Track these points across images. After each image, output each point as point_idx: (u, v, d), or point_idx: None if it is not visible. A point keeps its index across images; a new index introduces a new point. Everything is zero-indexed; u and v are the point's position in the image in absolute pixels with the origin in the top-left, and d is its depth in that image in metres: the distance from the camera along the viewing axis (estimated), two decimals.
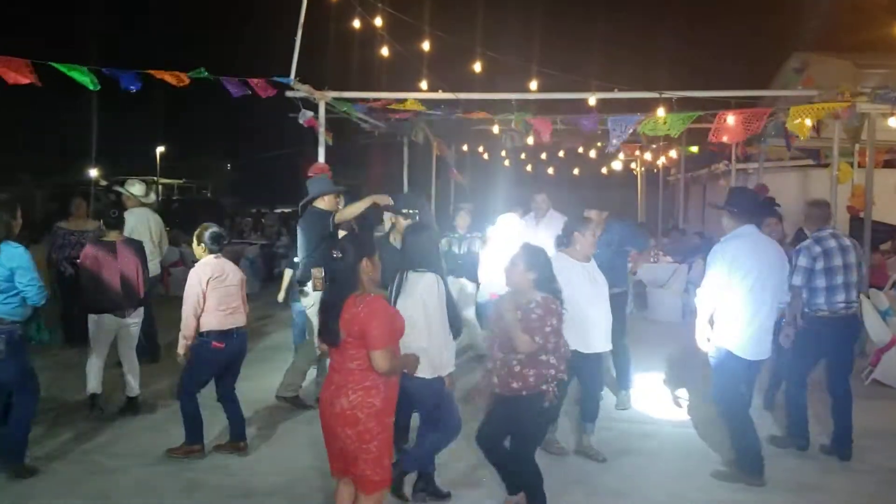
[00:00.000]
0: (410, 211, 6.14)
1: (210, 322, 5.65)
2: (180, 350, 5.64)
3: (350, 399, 3.82)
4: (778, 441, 6.27)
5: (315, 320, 6.75)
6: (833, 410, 6.11)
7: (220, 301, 5.68)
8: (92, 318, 6.71)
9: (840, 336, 6.10)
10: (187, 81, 7.84)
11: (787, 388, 6.36)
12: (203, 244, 5.76)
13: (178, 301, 6.30)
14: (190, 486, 5.31)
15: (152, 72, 7.73)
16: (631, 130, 9.32)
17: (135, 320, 6.98)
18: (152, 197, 9.52)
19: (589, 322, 5.53)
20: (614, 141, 9.26)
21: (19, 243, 5.40)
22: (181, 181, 40.79)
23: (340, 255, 3.92)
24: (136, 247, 7.06)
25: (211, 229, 5.83)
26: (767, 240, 5.74)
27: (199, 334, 5.65)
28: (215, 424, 6.11)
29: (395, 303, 4.67)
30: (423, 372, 4.55)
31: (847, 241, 6.20)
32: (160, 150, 39.83)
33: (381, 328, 3.83)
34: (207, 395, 5.96)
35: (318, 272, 6.69)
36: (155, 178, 38.04)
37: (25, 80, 6.56)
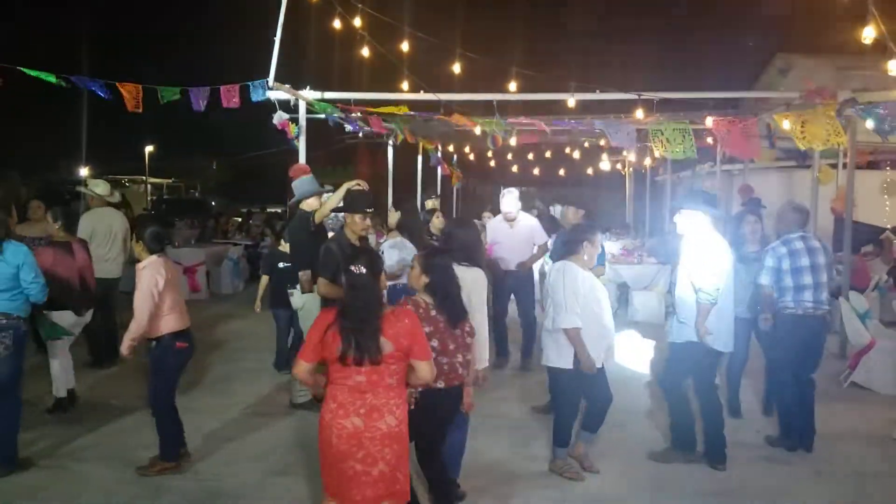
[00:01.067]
0: (368, 210, 6.14)
1: (170, 324, 5.47)
2: (125, 350, 5.38)
3: (396, 416, 3.69)
4: (771, 440, 6.37)
5: (306, 325, 6.75)
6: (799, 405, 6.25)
7: (175, 301, 5.52)
8: (52, 316, 6.61)
9: (809, 334, 6.23)
10: (139, 109, 7.80)
11: (775, 388, 6.53)
12: (142, 242, 5.52)
13: None
14: (158, 490, 5.26)
15: (118, 84, 7.69)
16: (633, 137, 9.42)
17: (85, 320, 7.03)
18: (117, 196, 9.39)
19: (599, 334, 5.42)
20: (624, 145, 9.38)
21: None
22: (170, 180, 40.67)
23: (363, 272, 3.74)
24: (87, 247, 7.21)
25: (151, 228, 5.62)
26: (720, 237, 5.88)
27: (159, 338, 5.45)
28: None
29: None
30: None
31: (816, 244, 6.32)
32: (149, 149, 39.71)
33: (426, 338, 3.85)
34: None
35: (304, 275, 6.69)
36: (144, 178, 37.92)
37: None
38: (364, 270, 3.74)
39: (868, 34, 6.02)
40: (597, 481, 5.53)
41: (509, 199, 8.64)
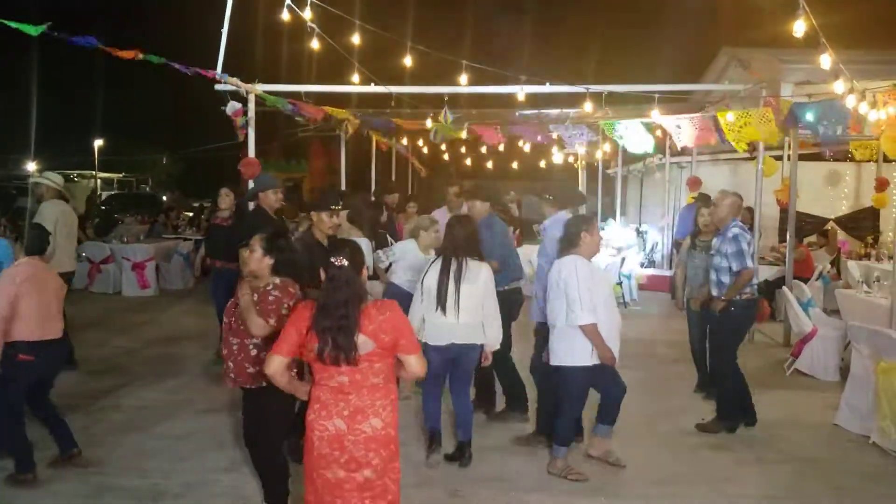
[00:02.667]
0: (335, 207, 6.07)
1: (20, 331, 5.04)
2: None
3: (383, 418, 3.47)
4: (706, 426, 6.50)
5: None
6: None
7: (34, 308, 5.08)
8: None
9: (753, 317, 6.80)
10: (140, 56, 7.60)
11: (723, 373, 6.64)
12: (21, 242, 5.27)
13: (101, 298, 6.12)
14: (99, 490, 5.17)
15: (107, 49, 7.46)
16: (584, 137, 9.70)
17: None
18: (69, 189, 9.14)
19: (612, 324, 5.40)
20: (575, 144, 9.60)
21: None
22: (120, 175, 39.87)
23: (345, 264, 3.49)
24: None
25: (36, 231, 5.26)
26: None
27: (5, 345, 5.01)
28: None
29: (456, 287, 5.29)
30: (481, 339, 5.47)
31: None
32: (98, 143, 38.89)
33: (412, 330, 3.66)
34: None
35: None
36: (93, 172, 37.15)
37: None
38: (346, 263, 3.48)
39: (799, 28, 6.14)
40: (534, 471, 5.56)
41: (451, 194, 8.71)
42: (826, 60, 6.68)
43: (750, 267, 6.40)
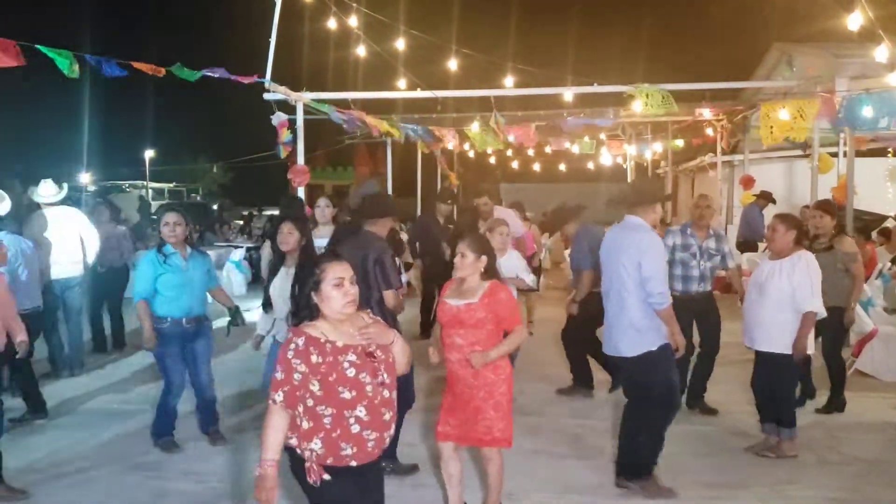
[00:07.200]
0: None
1: None
2: None
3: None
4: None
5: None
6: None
7: None
8: None
9: None
10: (163, 72, 7.76)
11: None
12: None
13: None
14: (159, 494, 5.24)
15: (134, 63, 7.63)
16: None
17: None
18: (63, 193, 8.92)
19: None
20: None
21: None
22: (171, 185, 40.65)
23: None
24: None
25: None
26: None
27: None
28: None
29: None
30: None
31: None
32: (149, 154, 39.72)
33: None
34: None
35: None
36: (144, 183, 37.91)
37: (12, 63, 6.39)
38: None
39: (855, 20, 6.00)
40: (587, 474, 5.50)
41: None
42: (882, 52, 6.50)
43: None
